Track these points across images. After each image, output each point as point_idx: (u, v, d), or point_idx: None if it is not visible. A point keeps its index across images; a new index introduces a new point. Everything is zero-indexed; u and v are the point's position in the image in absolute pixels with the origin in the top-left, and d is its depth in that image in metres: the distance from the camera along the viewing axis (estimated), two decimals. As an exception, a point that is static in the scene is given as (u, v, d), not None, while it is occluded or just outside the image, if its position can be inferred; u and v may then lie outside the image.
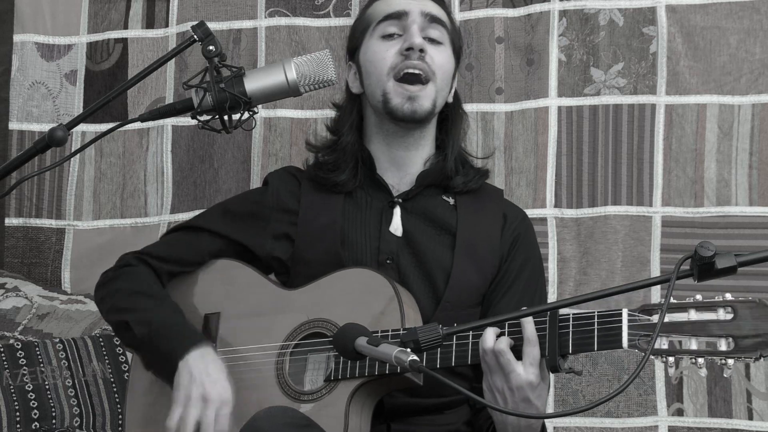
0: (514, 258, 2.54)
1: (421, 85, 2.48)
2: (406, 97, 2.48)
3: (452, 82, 2.59)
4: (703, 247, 1.84)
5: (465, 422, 2.49)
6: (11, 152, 3.42)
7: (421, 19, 2.51)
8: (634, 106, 3.19)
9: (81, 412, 2.95)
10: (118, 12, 3.47)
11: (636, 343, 2.06)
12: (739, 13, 3.16)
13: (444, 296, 2.46)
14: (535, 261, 2.60)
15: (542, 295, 2.60)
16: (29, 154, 1.99)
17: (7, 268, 3.39)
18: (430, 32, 2.52)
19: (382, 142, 2.56)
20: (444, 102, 2.56)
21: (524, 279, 2.54)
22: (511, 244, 2.55)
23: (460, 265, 2.48)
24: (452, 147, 2.57)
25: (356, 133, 2.58)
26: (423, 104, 2.48)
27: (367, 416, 2.34)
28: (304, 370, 2.41)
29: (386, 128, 2.55)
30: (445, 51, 2.54)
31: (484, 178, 2.61)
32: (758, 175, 3.12)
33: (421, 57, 2.48)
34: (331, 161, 2.56)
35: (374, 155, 2.56)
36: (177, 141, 3.39)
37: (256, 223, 2.58)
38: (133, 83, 2.09)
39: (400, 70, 2.48)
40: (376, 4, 2.59)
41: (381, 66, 2.50)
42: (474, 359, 2.23)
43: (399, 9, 2.52)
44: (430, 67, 2.49)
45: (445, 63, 2.53)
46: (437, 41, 2.53)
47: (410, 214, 2.54)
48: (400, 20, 2.52)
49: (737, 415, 3.05)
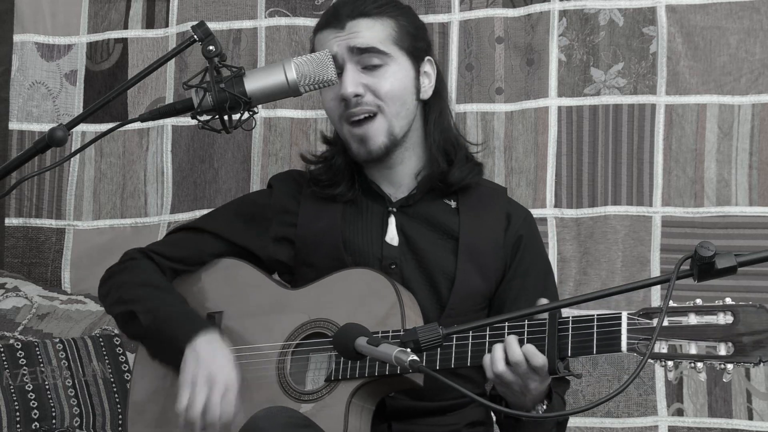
0: (520, 261, 2.52)
1: (369, 123, 2.46)
2: (357, 140, 2.47)
3: (416, 85, 2.52)
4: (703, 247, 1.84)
5: (467, 424, 2.49)
6: (11, 152, 3.42)
7: (350, 56, 2.46)
8: (634, 106, 3.19)
9: (81, 412, 2.95)
10: (118, 12, 3.47)
11: (635, 346, 2.05)
12: (739, 13, 3.16)
13: (449, 303, 2.45)
14: (542, 260, 2.58)
15: (553, 295, 2.54)
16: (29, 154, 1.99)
17: (7, 268, 3.39)
18: (366, 62, 2.47)
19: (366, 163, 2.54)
20: (407, 121, 2.50)
21: (533, 280, 2.51)
22: (516, 246, 2.52)
23: (464, 271, 2.47)
24: (435, 144, 2.52)
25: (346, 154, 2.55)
26: (375, 142, 2.46)
27: (368, 417, 2.34)
28: (305, 369, 2.41)
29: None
30: (389, 71, 2.47)
31: (480, 173, 2.59)
32: (758, 175, 3.12)
33: (358, 101, 2.45)
34: (326, 178, 2.56)
35: (366, 170, 2.55)
36: (177, 141, 3.39)
37: (258, 226, 2.58)
38: (133, 83, 2.09)
39: (347, 117, 2.47)
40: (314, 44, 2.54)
41: (333, 116, 2.51)
42: (474, 361, 2.22)
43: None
44: (372, 103, 2.45)
45: (391, 86, 2.46)
46: (377, 66, 2.47)
47: (411, 220, 2.52)
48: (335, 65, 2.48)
49: (737, 415, 3.05)
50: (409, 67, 2.51)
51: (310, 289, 2.45)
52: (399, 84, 2.48)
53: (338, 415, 2.28)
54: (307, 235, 2.54)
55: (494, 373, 2.17)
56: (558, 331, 2.14)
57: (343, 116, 2.47)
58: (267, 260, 2.57)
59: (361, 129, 2.45)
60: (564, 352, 2.14)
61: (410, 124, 2.51)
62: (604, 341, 2.10)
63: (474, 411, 2.50)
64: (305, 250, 2.53)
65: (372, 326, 2.19)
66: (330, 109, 2.50)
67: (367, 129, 2.45)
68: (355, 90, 2.44)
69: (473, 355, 2.23)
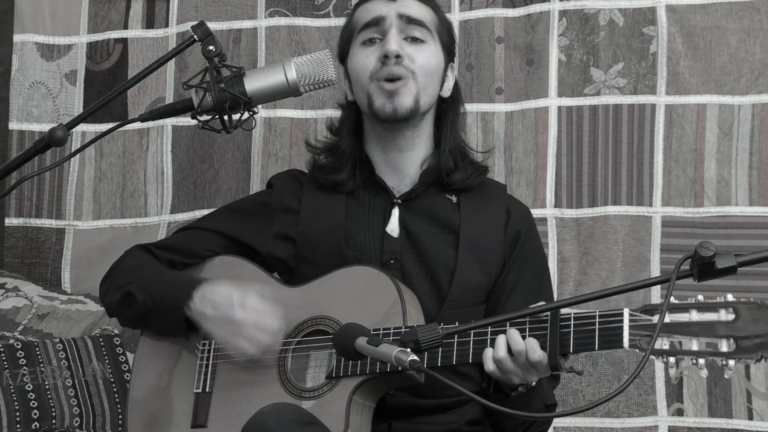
0: (517, 256, 2.55)
1: (401, 83, 2.50)
2: (386, 95, 2.50)
3: (443, 77, 2.60)
4: (703, 247, 1.84)
5: (467, 422, 2.50)
6: (11, 152, 3.42)
7: (398, 22, 2.53)
8: (634, 106, 3.19)
9: (81, 412, 2.95)
10: (118, 12, 3.47)
11: (637, 343, 2.05)
12: (739, 13, 3.16)
13: (448, 295, 2.47)
14: (539, 257, 2.61)
15: (548, 292, 2.60)
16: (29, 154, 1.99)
17: (7, 268, 3.39)
18: (410, 32, 2.54)
19: (377, 146, 2.58)
20: (431, 100, 2.57)
21: (528, 277, 2.54)
22: (514, 241, 2.56)
23: (464, 264, 2.49)
24: (447, 142, 2.58)
25: (354, 137, 2.60)
26: (403, 101, 2.50)
27: (368, 414, 2.34)
28: (306, 367, 2.41)
29: (379, 132, 2.57)
30: (428, 48, 2.55)
31: (483, 175, 2.62)
32: (758, 175, 3.12)
33: (398, 62, 2.50)
34: (330, 164, 2.58)
35: (372, 158, 2.58)
36: (177, 141, 3.39)
37: (259, 223, 2.60)
38: (133, 83, 2.09)
39: (380, 76, 2.51)
40: (358, 11, 2.62)
41: (363, 72, 2.53)
42: (475, 358, 2.23)
43: (376, 15, 2.54)
44: (408, 68, 2.51)
45: (426, 61, 2.54)
46: (419, 39, 2.54)
47: (413, 214, 2.54)
48: (379, 26, 2.54)
49: (737, 415, 3.05)
50: (441, 56, 2.59)
51: (311, 286, 2.46)
52: (434, 63, 2.56)
53: (339, 412, 2.28)
54: (309, 231, 2.55)
55: (495, 360, 2.18)
56: (560, 327, 2.15)
57: (377, 74, 2.51)
58: (267, 257, 2.58)
59: (394, 85, 2.49)
60: (566, 349, 2.14)
61: (429, 107, 2.56)
62: (606, 337, 2.10)
63: (474, 409, 2.51)
64: (307, 247, 2.54)
65: (373, 323, 2.19)
66: (362, 66, 2.53)
67: (399, 86, 2.50)
68: (398, 49, 2.50)
69: (474, 351, 2.23)
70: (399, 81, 2.49)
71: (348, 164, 2.57)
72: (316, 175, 2.61)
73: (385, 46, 2.50)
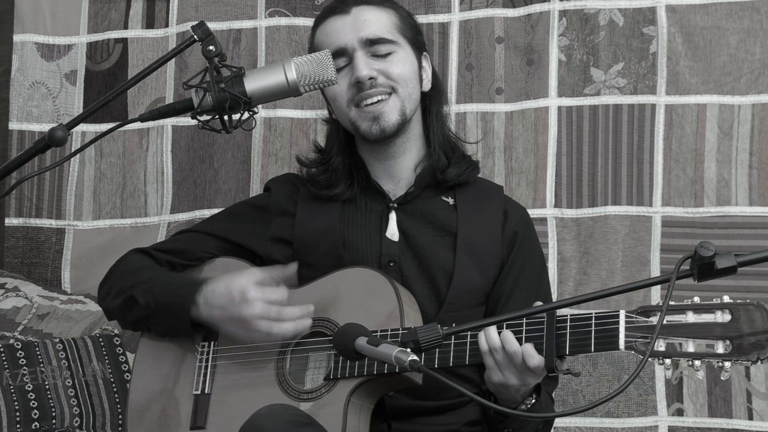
0: (516, 257, 2.55)
1: (382, 103, 2.49)
2: (370, 119, 2.50)
3: (420, 76, 2.59)
4: (703, 247, 1.84)
5: (466, 423, 2.50)
6: (11, 152, 3.42)
7: (362, 47, 2.51)
8: (634, 106, 3.19)
9: (81, 412, 2.95)
10: (118, 12, 3.47)
11: (633, 344, 2.05)
12: (739, 13, 3.16)
13: (447, 298, 2.47)
14: (537, 258, 2.61)
15: (546, 293, 2.60)
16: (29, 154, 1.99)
17: (7, 268, 3.39)
18: (376, 51, 2.53)
19: (370, 155, 2.59)
20: (415, 104, 2.56)
21: (527, 278, 2.54)
22: (512, 242, 2.56)
23: (462, 266, 2.49)
24: (436, 137, 2.58)
25: (345, 151, 2.60)
26: (389, 119, 2.50)
27: (366, 416, 2.34)
28: (305, 368, 2.41)
29: (369, 146, 2.57)
30: (398, 57, 2.54)
31: (477, 170, 2.61)
32: (758, 175, 3.12)
33: (373, 83, 2.50)
34: (324, 181, 2.58)
35: (367, 162, 2.58)
36: (177, 141, 3.39)
37: (257, 226, 2.61)
38: (133, 83, 2.09)
39: (359, 101, 2.50)
40: (317, 34, 2.59)
41: (340, 100, 2.53)
42: (472, 359, 2.23)
43: (339, 46, 2.51)
44: (385, 85, 2.51)
45: (401, 70, 2.53)
46: (388, 52, 2.53)
47: (410, 217, 2.54)
48: (344, 54, 2.52)
49: (737, 415, 3.05)
50: (412, 55, 2.58)
51: (309, 288, 2.46)
52: (408, 68, 2.55)
53: (337, 413, 2.28)
54: (305, 235, 2.55)
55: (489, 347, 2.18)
56: (556, 329, 2.15)
57: (354, 100, 2.51)
58: (266, 259, 2.58)
59: (376, 108, 2.49)
60: (562, 350, 2.14)
61: (414, 111, 2.56)
62: (602, 339, 2.10)
63: (473, 410, 2.51)
64: (303, 251, 2.54)
65: (371, 325, 2.19)
66: (338, 95, 2.53)
67: (382, 107, 2.49)
68: (369, 72, 2.49)
69: (471, 353, 2.23)
70: (379, 103, 2.49)
71: (342, 179, 2.57)
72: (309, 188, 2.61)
73: (356, 73, 2.49)
